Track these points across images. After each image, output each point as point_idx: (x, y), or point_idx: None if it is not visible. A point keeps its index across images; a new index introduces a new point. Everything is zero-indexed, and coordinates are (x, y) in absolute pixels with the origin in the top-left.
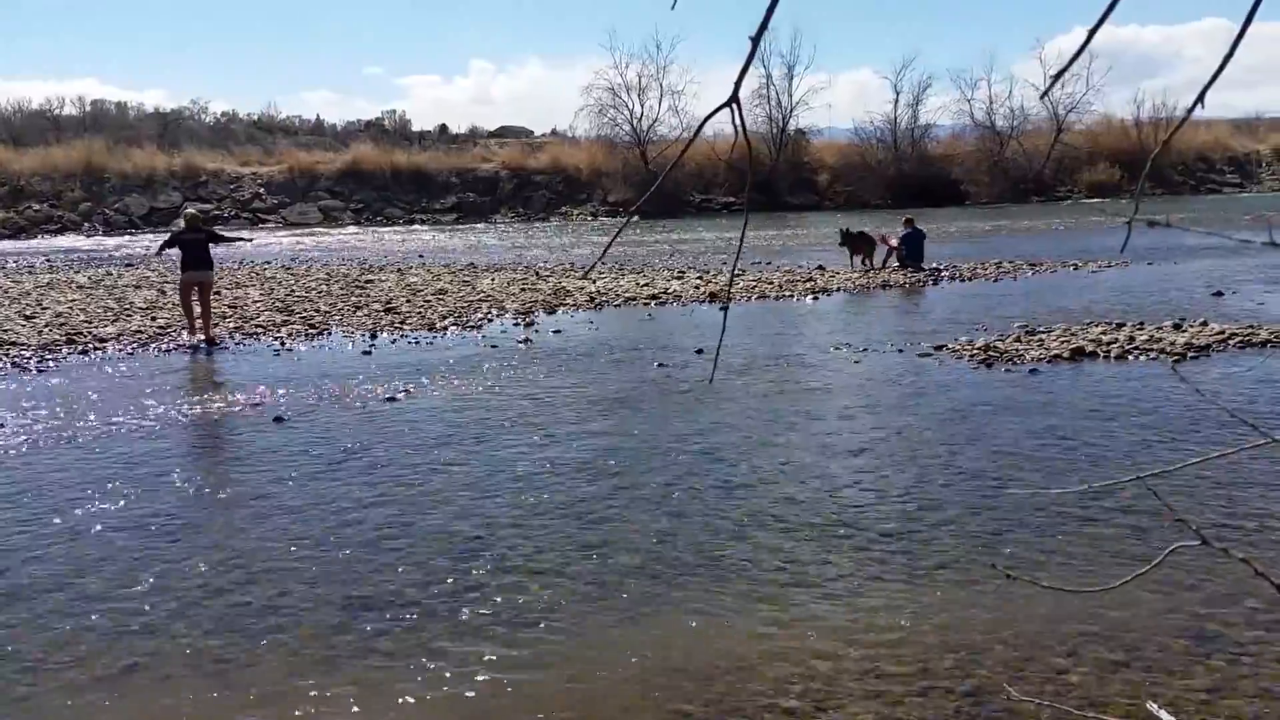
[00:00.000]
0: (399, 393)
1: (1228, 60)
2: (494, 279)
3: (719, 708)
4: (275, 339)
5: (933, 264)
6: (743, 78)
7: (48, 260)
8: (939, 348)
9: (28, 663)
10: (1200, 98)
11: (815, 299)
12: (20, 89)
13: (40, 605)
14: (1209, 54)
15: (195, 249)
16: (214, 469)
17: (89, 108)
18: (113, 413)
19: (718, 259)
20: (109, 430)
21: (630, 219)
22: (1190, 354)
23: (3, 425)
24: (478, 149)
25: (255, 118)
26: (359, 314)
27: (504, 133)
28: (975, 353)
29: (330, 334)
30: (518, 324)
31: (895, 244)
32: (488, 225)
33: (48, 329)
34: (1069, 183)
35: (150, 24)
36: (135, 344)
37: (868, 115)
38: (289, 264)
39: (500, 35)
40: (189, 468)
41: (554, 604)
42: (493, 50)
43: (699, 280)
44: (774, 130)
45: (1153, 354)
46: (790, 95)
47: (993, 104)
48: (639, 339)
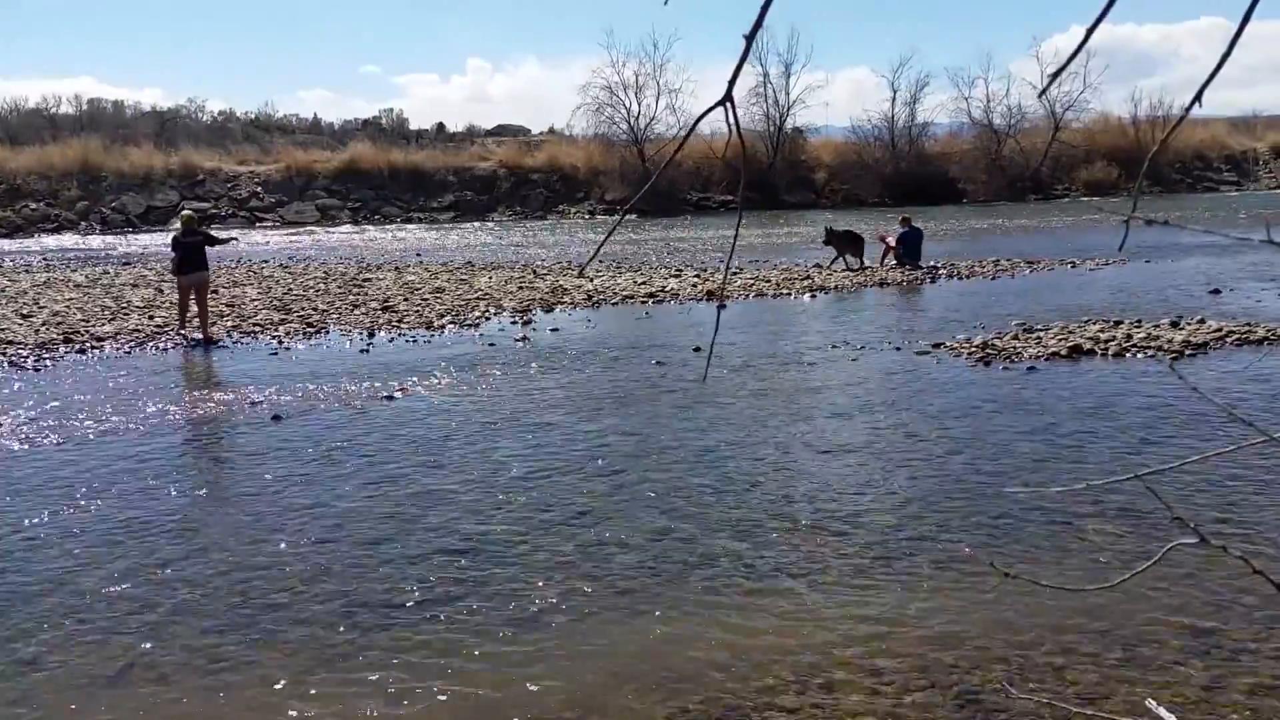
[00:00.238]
0: (396, 391)
1: (1225, 59)
2: (491, 277)
3: (718, 707)
4: (273, 337)
5: (930, 262)
6: (736, 76)
7: (44, 259)
8: (937, 346)
9: (27, 662)
10: (1198, 96)
11: (813, 297)
12: (16, 87)
13: (39, 605)
14: (1206, 52)
15: (192, 252)
16: (212, 467)
17: (85, 106)
18: (110, 412)
19: (715, 257)
20: (107, 429)
21: (624, 216)
22: (1188, 352)
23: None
24: (475, 148)
25: (252, 116)
26: (357, 312)
27: (501, 131)
28: (973, 351)
29: (328, 332)
30: (515, 322)
31: (893, 242)
32: (485, 224)
33: (45, 328)
34: (1066, 181)
35: (147, 22)
36: (133, 343)
37: (865, 114)
38: (287, 263)
39: (497, 34)
40: (187, 466)
41: (553, 602)
42: (490, 49)
43: (696, 278)
44: (771, 129)
45: (1150, 352)
46: (787, 93)
47: (990, 102)
48: (636, 337)
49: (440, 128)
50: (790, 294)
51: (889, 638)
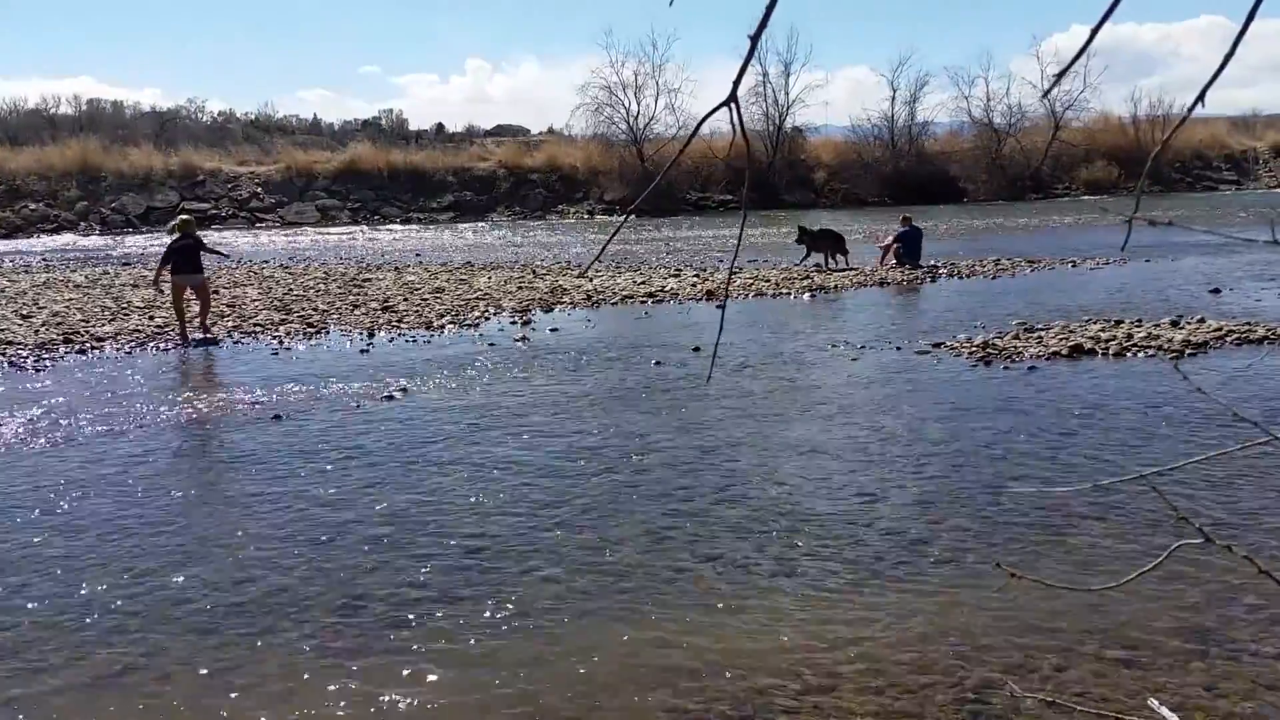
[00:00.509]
0: (397, 391)
1: (1228, 59)
2: (491, 277)
3: (718, 706)
4: (274, 338)
5: (930, 261)
6: (741, 77)
7: (44, 259)
8: (937, 345)
9: (25, 662)
10: (1201, 96)
11: (812, 296)
12: (16, 87)
13: (38, 605)
14: (1206, 52)
15: (189, 255)
16: (213, 467)
17: (85, 106)
18: (110, 412)
19: (714, 257)
20: (107, 429)
21: (627, 218)
22: (1189, 351)
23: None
24: (474, 148)
25: (252, 117)
26: (357, 313)
27: (500, 131)
28: (974, 350)
29: (328, 333)
30: (515, 322)
31: (892, 242)
32: (484, 224)
33: (44, 328)
34: (1066, 180)
35: (146, 23)
36: (133, 343)
37: (865, 113)
38: (287, 263)
39: (497, 34)
40: (188, 466)
41: (552, 602)
42: (489, 49)
43: (696, 278)
44: (770, 128)
45: (1151, 351)
46: (787, 93)
47: (990, 101)
48: (636, 337)
49: (440, 128)
50: (790, 294)
51: (891, 636)
